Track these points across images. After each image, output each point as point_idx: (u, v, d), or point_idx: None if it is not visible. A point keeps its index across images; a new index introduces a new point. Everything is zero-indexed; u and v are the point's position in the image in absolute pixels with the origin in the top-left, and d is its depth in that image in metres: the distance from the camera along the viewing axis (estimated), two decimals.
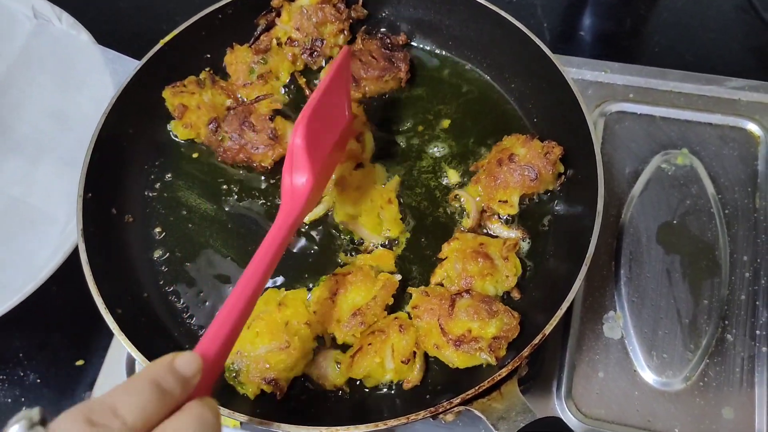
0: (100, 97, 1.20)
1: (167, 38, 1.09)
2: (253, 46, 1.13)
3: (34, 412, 0.55)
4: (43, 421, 0.55)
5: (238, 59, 1.11)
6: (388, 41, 1.14)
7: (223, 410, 0.83)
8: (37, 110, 1.29)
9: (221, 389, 0.91)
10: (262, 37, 1.14)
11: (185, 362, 0.61)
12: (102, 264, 0.94)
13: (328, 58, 1.17)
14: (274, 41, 1.13)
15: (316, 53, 1.14)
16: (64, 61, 1.29)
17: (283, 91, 1.14)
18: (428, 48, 1.19)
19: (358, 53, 1.12)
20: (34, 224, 1.18)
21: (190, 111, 1.07)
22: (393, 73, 1.12)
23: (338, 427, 0.81)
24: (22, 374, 1.15)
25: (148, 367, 0.60)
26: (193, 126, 1.08)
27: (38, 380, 1.15)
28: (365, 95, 1.14)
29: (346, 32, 1.16)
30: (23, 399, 1.13)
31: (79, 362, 1.18)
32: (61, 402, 1.15)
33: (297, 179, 0.88)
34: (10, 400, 1.12)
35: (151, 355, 0.87)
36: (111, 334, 1.06)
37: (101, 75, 1.19)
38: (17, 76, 1.31)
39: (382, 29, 1.17)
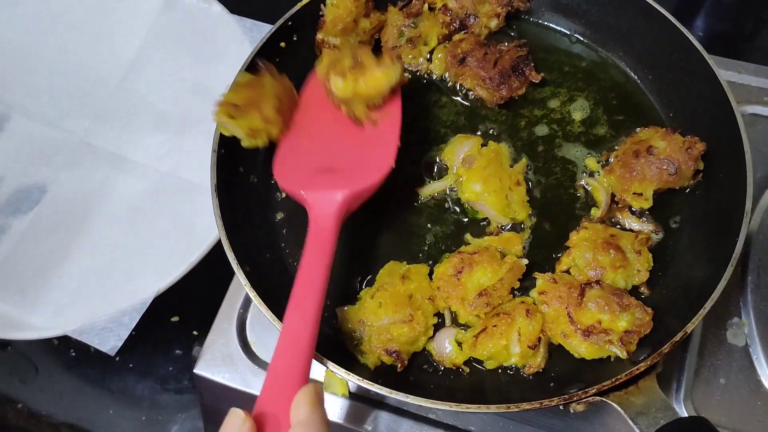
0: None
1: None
2: (405, 9, 1.11)
3: None
4: None
5: (389, 21, 1.10)
6: (522, 67, 1.07)
7: (351, 375, 0.83)
8: (178, 85, 1.29)
9: (342, 356, 0.90)
10: (414, 1, 1.12)
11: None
12: (231, 221, 0.94)
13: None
14: (426, 6, 1.11)
15: (464, 28, 1.11)
16: (199, 34, 1.28)
17: (428, 57, 1.12)
18: (563, 32, 1.16)
19: (490, 48, 1.08)
20: (189, 195, 1.19)
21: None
22: (491, 88, 1.07)
23: (470, 405, 0.80)
24: None
25: None
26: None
27: (133, 333, 1.16)
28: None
29: (500, 18, 1.13)
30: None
31: (174, 318, 1.19)
32: (152, 357, 1.16)
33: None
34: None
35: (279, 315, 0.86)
36: (204, 293, 1.07)
37: (240, 45, 1.18)
38: (151, 52, 1.32)
39: (531, 58, 1.09)
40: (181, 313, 1.19)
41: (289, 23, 1.09)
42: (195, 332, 1.16)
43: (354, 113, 0.99)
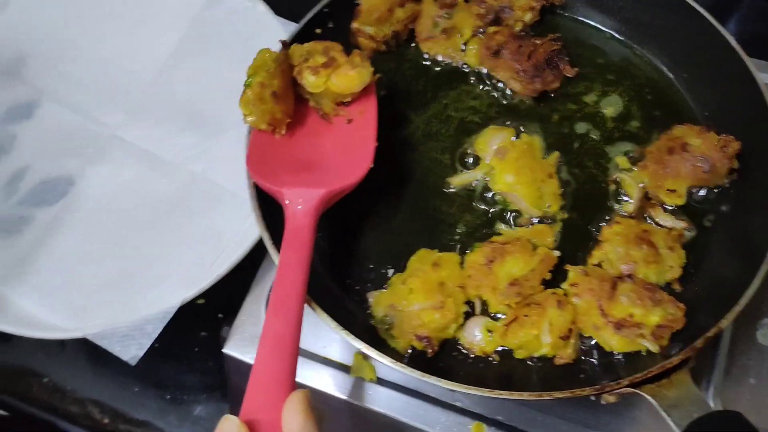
0: None
1: None
2: (439, 0, 1.12)
3: None
4: None
5: (424, 12, 1.11)
6: (557, 61, 1.07)
7: (384, 358, 0.83)
8: (214, 85, 1.25)
9: (373, 340, 0.90)
10: None
11: None
12: (265, 198, 0.94)
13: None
14: None
15: (499, 21, 1.12)
16: (242, 34, 1.25)
17: (462, 48, 1.13)
18: (598, 27, 1.16)
19: (525, 41, 1.08)
20: (219, 202, 1.15)
21: None
22: (525, 81, 1.07)
23: (502, 391, 0.81)
24: None
25: None
26: None
27: None
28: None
29: (535, 11, 1.13)
30: None
31: (200, 301, 1.19)
32: (178, 338, 1.16)
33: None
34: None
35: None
36: (230, 277, 1.04)
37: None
38: (190, 48, 1.28)
39: (566, 52, 1.09)
40: (207, 296, 1.19)
41: (325, 10, 1.10)
42: (220, 315, 1.16)
43: (322, 108, 1.00)
